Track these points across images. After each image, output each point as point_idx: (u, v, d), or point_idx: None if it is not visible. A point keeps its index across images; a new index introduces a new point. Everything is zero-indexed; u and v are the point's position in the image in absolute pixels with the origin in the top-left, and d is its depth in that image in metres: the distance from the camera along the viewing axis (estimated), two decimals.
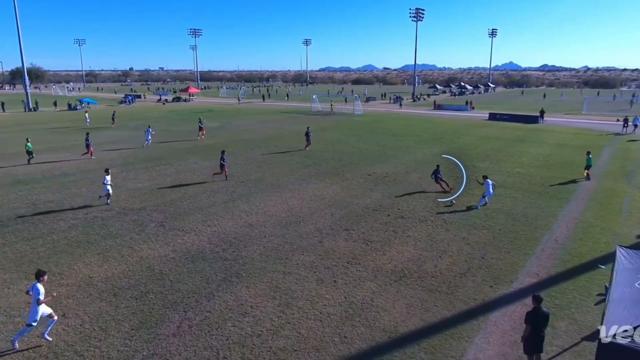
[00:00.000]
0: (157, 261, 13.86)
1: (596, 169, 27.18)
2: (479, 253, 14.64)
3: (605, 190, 22.41)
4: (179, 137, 40.27)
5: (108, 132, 44.27)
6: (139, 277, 12.79)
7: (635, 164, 28.89)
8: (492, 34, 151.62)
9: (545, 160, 30.20)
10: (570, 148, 34.80)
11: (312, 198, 20.87)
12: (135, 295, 11.81)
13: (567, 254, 14.60)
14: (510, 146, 35.84)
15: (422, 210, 19.14)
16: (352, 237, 15.94)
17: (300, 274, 13.07)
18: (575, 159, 30.20)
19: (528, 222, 17.65)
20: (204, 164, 28.39)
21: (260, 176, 25.08)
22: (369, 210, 19.11)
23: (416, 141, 38.46)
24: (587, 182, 23.90)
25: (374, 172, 26.07)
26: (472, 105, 74.45)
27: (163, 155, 31.19)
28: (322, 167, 27.48)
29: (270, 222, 17.43)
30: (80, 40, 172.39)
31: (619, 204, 20.11)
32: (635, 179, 25.03)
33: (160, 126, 49.04)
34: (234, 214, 18.36)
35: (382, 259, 14.15)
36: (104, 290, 12.09)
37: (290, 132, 44.27)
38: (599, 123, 52.64)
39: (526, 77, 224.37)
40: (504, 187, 22.84)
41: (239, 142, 37.15)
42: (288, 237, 15.87)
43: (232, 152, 32.44)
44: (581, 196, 21.36)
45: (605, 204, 20.17)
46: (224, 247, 14.92)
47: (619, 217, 18.28)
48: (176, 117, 57.37)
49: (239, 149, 33.91)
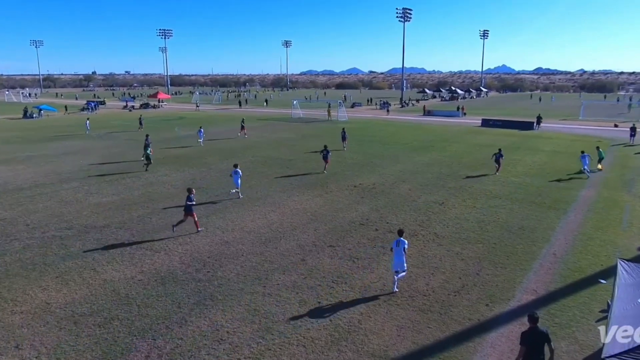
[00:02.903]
0: (123, 284, 13.61)
1: (594, 178, 27.85)
2: (474, 269, 14.78)
3: (605, 200, 22.94)
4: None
5: (69, 141, 43.61)
6: (103, 302, 12.53)
7: (635, 172, 29.68)
8: (484, 36, 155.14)
9: (541, 168, 30.80)
10: (566, 156, 35.58)
11: (293, 212, 20.83)
12: (98, 322, 11.56)
13: (567, 268, 14.85)
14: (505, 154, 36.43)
15: (412, 223, 19.27)
16: (337, 254, 15.93)
17: (281, 295, 12.98)
18: (572, 167, 30.89)
19: (525, 234, 17.92)
20: (175, 175, 28.14)
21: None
22: (355, 224, 19.15)
23: (405, 149, 38.85)
24: (585, 191, 24.46)
25: (360, 183, 26.20)
26: (464, 110, 75.66)
27: (130, 167, 30.82)
28: (305, 179, 27.49)
29: (248, 239, 17.32)
30: (38, 42, 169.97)
31: (619, 215, 20.59)
32: (635, 187, 25.70)
33: (125, 135, 48.57)
34: (208, 231, 18.20)
35: (370, 277, 14.16)
36: (63, 317, 11.81)
37: (270, 140, 44.27)
38: (597, 129, 54.00)
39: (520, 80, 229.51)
40: (498, 197, 23.19)
41: (213, 152, 36.96)
42: (267, 255, 15.78)
43: (206, 162, 32.27)
44: (579, 206, 21.81)
45: (605, 214, 20.63)
46: (197, 267, 14.75)
47: (619, 229, 18.70)
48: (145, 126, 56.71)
49: (214, 159, 33.73)
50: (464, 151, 38.09)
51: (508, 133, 50.39)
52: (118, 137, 46.81)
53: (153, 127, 55.22)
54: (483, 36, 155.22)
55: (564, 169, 30.66)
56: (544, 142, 43.52)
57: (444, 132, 52.40)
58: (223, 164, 31.83)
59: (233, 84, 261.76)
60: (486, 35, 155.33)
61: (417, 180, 27.07)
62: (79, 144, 41.99)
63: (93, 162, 33.00)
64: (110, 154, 36.17)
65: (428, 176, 28.22)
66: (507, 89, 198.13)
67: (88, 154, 36.53)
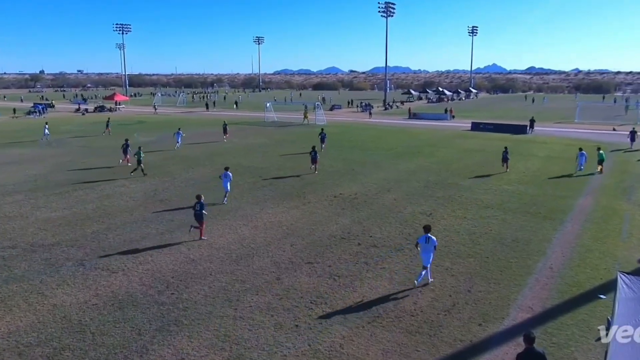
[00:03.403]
0: (75, 309, 13.33)
1: (592, 186, 28.55)
2: (465, 286, 14.94)
3: (603, 209, 23.53)
4: (103, 155, 39.26)
5: (15, 149, 42.63)
6: (52, 331, 12.24)
7: (634, 179, 30.55)
8: (473, 33, 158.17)
9: (535, 175, 31.45)
10: (562, 161, 36.41)
11: (267, 226, 20.76)
12: (46, 353, 11.27)
13: (564, 283, 15.14)
14: (496, 160, 37.09)
15: (398, 237, 19.40)
16: (316, 272, 15.91)
17: (255, 318, 12.89)
18: (568, 174, 31.59)
19: (519, 247, 18.22)
20: (134, 186, 27.77)
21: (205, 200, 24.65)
22: (335, 238, 19.18)
23: (389, 156, 39.19)
24: (582, 200, 25.04)
25: (340, 194, 26.30)
26: (452, 113, 76.89)
27: (83, 178, 30.29)
28: (280, 189, 27.47)
29: (216, 257, 17.19)
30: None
31: (618, 224, 21.14)
32: (635, 195, 26.44)
33: (78, 142, 47.78)
34: (172, 248, 18.00)
35: (353, 296, 14.18)
36: (5, 348, 11.48)
37: (240, 147, 44.13)
38: (594, 133, 55.42)
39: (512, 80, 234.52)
40: (490, 207, 23.56)
41: (176, 160, 36.64)
42: (239, 274, 15.68)
43: (169, 172, 31.96)
44: (577, 216, 22.32)
45: (604, 224, 21.15)
46: (159, 289, 14.56)
47: (618, 239, 19.19)
48: (100, 131, 55.95)
49: (177, 168, 33.43)
50: (453, 157, 38.63)
51: (500, 137, 51.30)
52: (70, 144, 46.00)
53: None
54: (472, 33, 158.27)
55: (560, 176, 31.32)
56: (538, 146, 44.45)
57: (431, 136, 53.08)
58: (188, 173, 31.56)
59: (199, 85, 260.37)
60: (475, 32, 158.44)
61: (403, 190, 27.30)
62: (25, 152, 41.10)
63: (41, 172, 32.32)
64: (60, 163, 35.50)
65: (414, 185, 28.50)
66: (498, 89, 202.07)
67: (35, 163, 35.78)
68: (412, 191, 26.94)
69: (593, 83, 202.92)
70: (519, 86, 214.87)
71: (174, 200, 24.86)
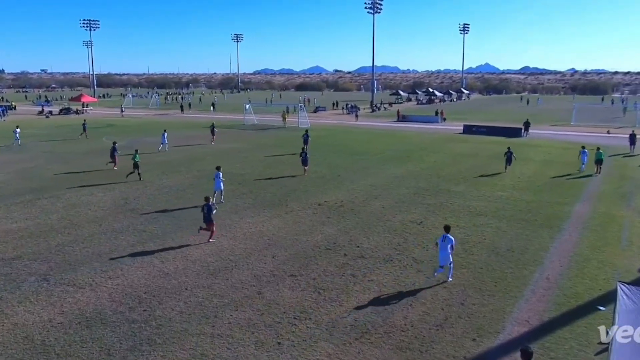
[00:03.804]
0: (39, 328, 13.14)
1: (590, 191, 28.97)
2: (458, 298, 15.03)
3: (601, 216, 23.89)
4: (70, 161, 38.82)
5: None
6: (13, 352, 12.05)
7: (634, 184, 31.09)
8: (464, 30, 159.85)
9: (530, 180, 31.83)
10: (559, 166, 36.93)
11: (247, 236, 20.69)
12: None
13: (562, 294, 15.32)
14: (490, 165, 37.49)
15: (386, 247, 19.47)
16: (299, 285, 15.89)
17: (234, 336, 12.82)
18: (565, 179, 32.09)
19: (514, 257, 18.40)
20: (103, 195, 27.50)
21: (179, 209, 24.62)
22: (320, 249, 19.19)
23: (377, 161, 39.38)
24: (580, 206, 25.40)
25: (325, 201, 26.32)
26: (443, 115, 77.55)
27: (47, 186, 29.91)
28: (260, 196, 27.41)
29: (192, 270, 17.08)
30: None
31: (617, 232, 21.49)
32: (634, 201, 26.90)
33: (42, 147, 47.17)
34: (145, 261, 17.85)
35: (339, 311, 14.18)
36: None
37: (218, 152, 43.95)
38: (591, 135, 56.28)
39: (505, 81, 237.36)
40: (484, 214, 23.77)
41: (150, 166, 36.34)
42: (217, 289, 15.60)
43: (141, 179, 31.67)
44: (574, 224, 22.63)
45: (602, 232, 21.48)
46: (130, 306, 14.41)
47: (618, 248, 19.50)
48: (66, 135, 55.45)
49: (151, 174, 33.16)
50: (444, 162, 38.94)
51: (493, 141, 51.84)
52: (33, 149, 45.38)
53: (73, 136, 53.87)
54: (463, 31, 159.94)
55: (556, 180, 31.77)
56: (534, 150, 45.00)
57: (420, 140, 53.45)
58: (162, 180, 31.35)
59: (173, 85, 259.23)
60: (467, 29, 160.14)
61: (392, 197, 27.43)
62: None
63: (0, 179, 31.83)
64: (22, 170, 35.01)
65: (404, 191, 28.66)
66: (490, 90, 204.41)
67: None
68: (401, 198, 27.08)
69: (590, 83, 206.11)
70: (512, 87, 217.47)
71: (146, 209, 24.66)
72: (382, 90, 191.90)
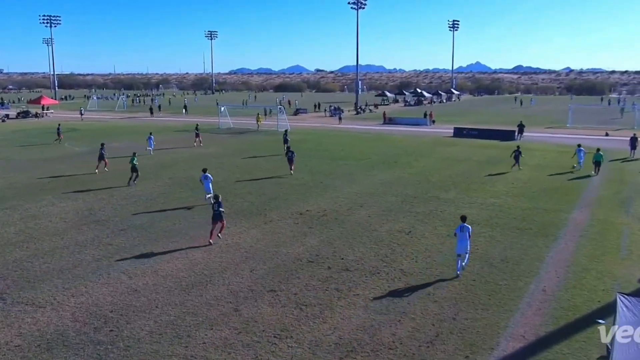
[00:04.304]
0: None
1: (587, 197, 29.38)
2: (450, 312, 15.10)
3: (600, 223, 24.24)
4: (29, 169, 38.32)
5: None
6: None
7: (633, 189, 31.62)
8: (454, 27, 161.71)
9: (525, 186, 32.19)
10: (555, 170, 37.42)
11: (223, 248, 20.60)
12: None
13: (559, 307, 15.48)
14: (482, 170, 37.86)
15: (373, 259, 19.51)
16: (280, 301, 15.84)
17: (209, 357, 12.74)
18: (561, 185, 32.51)
19: (509, 268, 18.57)
20: (65, 205, 27.19)
21: (148, 220, 24.42)
22: (302, 262, 19.16)
23: (362, 166, 39.51)
24: (577, 213, 25.74)
25: (307, 210, 26.33)
26: (432, 117, 78.09)
27: (3, 196, 29.49)
28: (237, 206, 27.32)
29: (164, 286, 16.94)
30: None
31: (616, 240, 21.81)
32: (634, 207, 27.34)
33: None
34: (111, 277, 17.66)
35: (322, 328, 14.16)
36: None
37: (191, 157, 43.73)
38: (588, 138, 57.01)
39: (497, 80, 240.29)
40: (476, 223, 23.90)
41: (117, 174, 36.02)
42: (190, 306, 15.48)
43: (108, 187, 31.39)
44: (571, 232, 22.92)
45: (601, 240, 21.78)
46: (96, 326, 14.25)
47: (617, 257, 19.79)
48: (24, 141, 54.82)
49: (118, 182, 32.88)
50: (434, 167, 39.21)
51: (485, 144, 52.39)
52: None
53: (34, 142, 53.24)
54: (453, 28, 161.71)
55: (552, 187, 32.14)
56: (528, 154, 45.34)
57: (408, 144, 53.76)
58: (130, 189, 31.09)
59: (142, 86, 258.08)
60: (456, 26, 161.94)
61: (378, 205, 27.53)
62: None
63: None
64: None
65: (391, 199, 28.79)
66: (482, 90, 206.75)
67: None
68: (388, 206, 27.19)
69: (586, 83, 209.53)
70: (505, 87, 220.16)
71: (112, 220, 24.42)
72: (367, 91, 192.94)
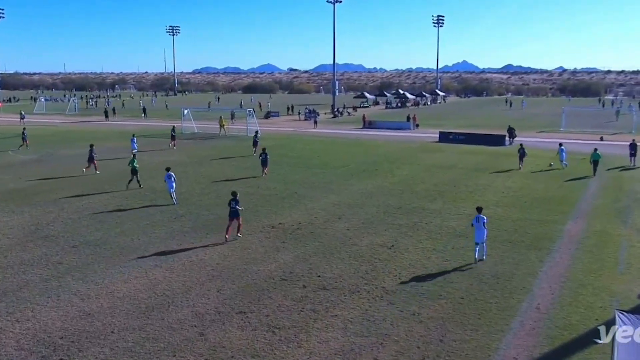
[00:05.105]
0: None
1: (583, 207, 29.83)
2: (436, 334, 15.15)
3: (596, 235, 24.62)
4: None
5: None
6: None
7: (631, 198, 32.20)
8: (438, 23, 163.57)
9: (516, 196, 32.57)
10: (547, 178, 37.94)
11: (186, 266, 20.43)
12: None
13: (554, 326, 15.64)
14: (469, 178, 38.21)
15: (352, 276, 19.52)
16: (250, 324, 15.75)
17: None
18: (555, 193, 32.96)
19: (500, 284, 18.72)
20: (8, 219, 26.79)
21: (103, 236, 24.13)
22: (274, 280, 19.09)
23: (340, 175, 39.61)
24: (572, 224, 26.11)
25: (280, 223, 26.27)
26: (416, 121, 78.69)
27: None
28: (202, 218, 27.16)
29: (120, 309, 16.74)
30: None
31: (614, 253, 22.14)
32: (632, 217, 27.81)
33: None
34: (61, 299, 17.41)
35: (297, 353, 14.11)
36: None
37: (151, 166, 43.35)
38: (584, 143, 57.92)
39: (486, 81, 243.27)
40: (464, 236, 24.12)
41: (67, 184, 35.57)
42: (150, 330, 15.32)
43: (57, 199, 30.97)
44: (566, 244, 23.23)
45: (598, 253, 22.10)
46: (44, 354, 14.03)
47: (615, 271, 20.10)
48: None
49: (68, 193, 32.45)
50: (418, 175, 39.46)
51: (474, 150, 52.90)
52: None
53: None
54: (437, 24, 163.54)
55: (545, 196, 32.54)
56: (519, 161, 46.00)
57: (390, 150, 54.09)
58: (82, 201, 30.66)
59: (96, 86, 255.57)
60: (441, 22, 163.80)
61: (358, 217, 27.59)
62: None
63: None
64: None
65: (372, 210, 28.89)
66: (469, 92, 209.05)
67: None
68: (368, 218, 27.27)
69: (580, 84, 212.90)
70: (494, 88, 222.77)
71: (62, 236, 24.07)
72: (344, 92, 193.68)
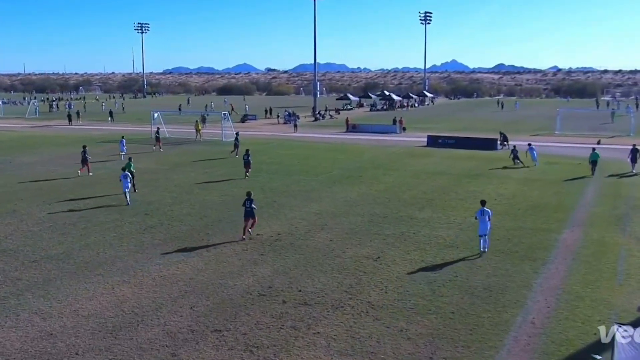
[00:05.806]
0: None
1: (579, 214, 30.12)
2: (426, 351, 15.19)
3: (594, 244, 24.88)
4: None
5: None
6: None
7: (629, 204, 32.58)
8: (426, 20, 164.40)
9: (509, 203, 32.81)
10: (542, 184, 38.26)
11: (157, 282, 20.33)
12: None
13: (550, 341, 15.75)
14: (459, 185, 38.42)
15: (336, 290, 19.53)
16: (226, 343, 15.70)
17: None
18: (550, 200, 33.25)
19: (492, 297, 18.83)
20: None
21: (67, 249, 23.94)
22: (252, 295, 19.05)
23: (322, 182, 39.65)
24: (568, 233, 26.36)
25: (258, 234, 26.21)
26: (403, 124, 78.91)
27: None
28: (174, 230, 27.05)
29: (85, 328, 16.60)
30: None
31: (612, 263, 22.37)
32: (631, 225, 28.13)
33: None
34: (20, 318, 17.24)
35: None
36: None
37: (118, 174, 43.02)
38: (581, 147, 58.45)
39: (476, 81, 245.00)
40: (454, 246, 24.29)
41: (27, 193, 35.25)
42: (118, 352, 15.21)
43: (15, 210, 30.70)
44: (562, 254, 23.43)
45: (595, 263, 22.32)
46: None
47: (613, 282, 20.30)
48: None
49: (28, 203, 32.15)
50: (405, 182, 39.60)
51: (464, 155, 53.15)
52: None
53: None
54: (425, 21, 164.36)
55: (540, 203, 32.81)
56: (512, 166, 46.35)
57: (376, 155, 54.25)
58: (43, 212, 30.39)
59: (58, 88, 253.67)
60: (429, 19, 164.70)
61: (341, 227, 27.63)
62: None
63: None
64: None
65: (356, 220, 28.95)
66: (459, 93, 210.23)
67: None
68: (353, 228, 27.32)
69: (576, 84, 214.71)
70: (485, 88, 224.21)
71: (22, 250, 23.85)
72: (326, 93, 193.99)
